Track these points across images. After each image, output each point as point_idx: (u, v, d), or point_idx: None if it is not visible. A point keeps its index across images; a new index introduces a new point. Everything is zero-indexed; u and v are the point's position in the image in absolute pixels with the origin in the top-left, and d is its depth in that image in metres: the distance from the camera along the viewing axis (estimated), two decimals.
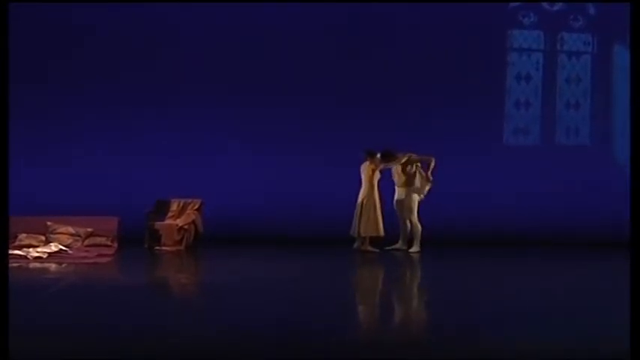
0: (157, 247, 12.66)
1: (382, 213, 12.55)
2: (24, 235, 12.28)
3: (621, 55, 14.30)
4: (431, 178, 12.66)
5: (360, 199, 12.50)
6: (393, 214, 12.77)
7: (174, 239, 12.71)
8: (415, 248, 12.55)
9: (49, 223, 12.63)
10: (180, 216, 12.99)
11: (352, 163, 12.71)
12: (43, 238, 12.35)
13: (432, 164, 12.63)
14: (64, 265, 10.78)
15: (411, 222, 12.64)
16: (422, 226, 12.59)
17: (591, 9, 14.58)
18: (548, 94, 14.58)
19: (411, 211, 12.62)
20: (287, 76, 13.91)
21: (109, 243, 12.65)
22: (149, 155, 13.71)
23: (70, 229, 12.63)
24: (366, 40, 14.05)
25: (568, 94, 14.62)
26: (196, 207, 13.06)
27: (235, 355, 5.72)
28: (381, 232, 12.51)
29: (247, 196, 13.67)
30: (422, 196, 12.70)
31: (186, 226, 12.84)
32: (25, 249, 11.55)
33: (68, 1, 13.57)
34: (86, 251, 12.09)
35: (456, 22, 14.02)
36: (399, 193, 12.76)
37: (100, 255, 11.74)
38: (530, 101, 14.56)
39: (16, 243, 11.92)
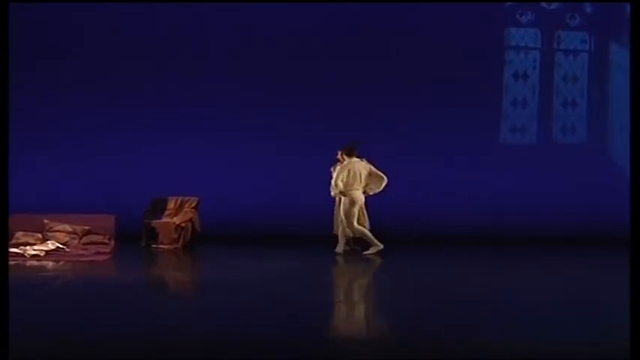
0: (154, 245, 12.65)
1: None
2: (21, 233, 12.25)
3: (618, 54, 14.34)
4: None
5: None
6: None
7: (172, 237, 12.69)
8: (372, 249, 11.68)
9: (46, 221, 12.61)
10: (178, 214, 12.97)
11: None
12: (40, 236, 12.33)
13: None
14: (61, 264, 10.77)
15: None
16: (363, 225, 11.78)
17: (588, 7, 14.60)
18: (545, 93, 14.60)
19: (346, 217, 11.72)
20: (286, 75, 13.90)
21: (106, 241, 12.65)
22: (146, 153, 13.70)
23: (67, 227, 12.62)
24: (363, 39, 14.05)
25: (565, 92, 14.64)
26: (193, 205, 13.04)
27: (233, 354, 5.71)
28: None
29: (244, 195, 13.67)
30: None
31: (183, 224, 12.81)
32: (22, 247, 11.54)
33: (63, 0, 13.55)
34: (83, 249, 12.09)
35: (454, 20, 14.03)
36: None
37: (97, 253, 11.74)
38: (527, 99, 14.57)
39: (13, 241, 11.88)
